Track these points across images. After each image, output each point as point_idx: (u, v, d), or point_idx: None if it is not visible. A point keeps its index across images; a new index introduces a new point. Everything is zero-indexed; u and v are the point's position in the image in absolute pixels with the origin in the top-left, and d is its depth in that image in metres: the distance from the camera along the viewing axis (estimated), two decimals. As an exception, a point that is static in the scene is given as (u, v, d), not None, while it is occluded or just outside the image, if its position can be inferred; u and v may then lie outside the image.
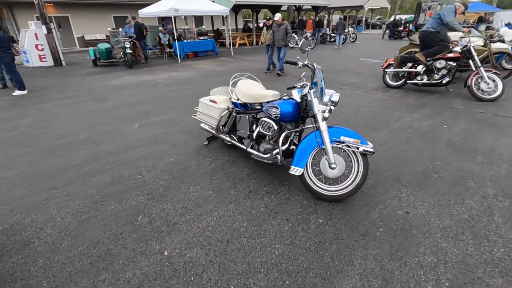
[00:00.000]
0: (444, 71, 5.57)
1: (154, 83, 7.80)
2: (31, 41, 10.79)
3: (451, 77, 5.54)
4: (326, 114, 2.31)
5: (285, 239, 2.05)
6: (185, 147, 3.66)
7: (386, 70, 6.39)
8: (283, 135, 2.57)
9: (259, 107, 2.96)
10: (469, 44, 5.32)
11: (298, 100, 2.58)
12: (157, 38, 13.66)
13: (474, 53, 5.26)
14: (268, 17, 8.02)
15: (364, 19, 34.72)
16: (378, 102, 5.38)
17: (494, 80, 5.24)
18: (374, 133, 3.93)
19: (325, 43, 18.79)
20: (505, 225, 2.12)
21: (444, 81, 5.58)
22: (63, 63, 11.32)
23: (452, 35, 6.64)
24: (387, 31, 21.66)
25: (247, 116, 2.98)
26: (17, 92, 6.80)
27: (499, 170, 2.89)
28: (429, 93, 5.89)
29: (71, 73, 9.52)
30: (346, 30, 19.54)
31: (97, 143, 3.85)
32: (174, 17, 14.20)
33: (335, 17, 39.62)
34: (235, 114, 3.15)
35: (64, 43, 19.67)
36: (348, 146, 2.39)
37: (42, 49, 11.04)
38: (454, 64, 5.47)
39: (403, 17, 34.69)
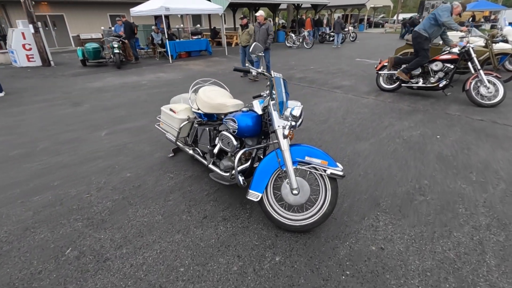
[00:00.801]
0: (441, 74, 5.18)
1: (137, 85, 7.47)
2: (18, 40, 10.51)
3: (448, 80, 5.15)
4: (286, 131, 1.95)
5: (230, 284, 1.70)
6: (149, 159, 3.32)
7: (379, 72, 6.00)
8: (240, 153, 2.22)
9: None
10: (468, 45, 4.92)
11: (259, 112, 2.22)
12: (150, 38, 13.34)
13: (474, 55, 4.86)
14: (242, 15, 7.42)
15: (366, 17, 34.14)
16: (368, 107, 5.00)
17: (494, 84, 4.84)
18: (358, 143, 3.56)
19: (323, 43, 18.37)
20: (498, 268, 1.76)
21: (440, 85, 5.19)
22: (52, 63, 11.02)
23: (452, 35, 6.25)
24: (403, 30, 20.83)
25: (207, 128, 2.63)
26: (-8, 95, 6.51)
27: (494, 192, 2.52)
28: (424, 98, 5.50)
29: (56, 74, 9.21)
30: (346, 29, 19.13)
31: (55, 153, 3.52)
32: (167, 16, 13.85)
33: (337, 16, 39.20)
34: (196, 125, 2.80)
35: (59, 42, 19.44)
36: (314, 168, 2.03)
37: (30, 49, 10.76)
38: (452, 66, 5.08)
39: (407, 16, 34.08)
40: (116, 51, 9.76)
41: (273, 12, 23.41)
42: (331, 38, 18.08)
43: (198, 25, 15.42)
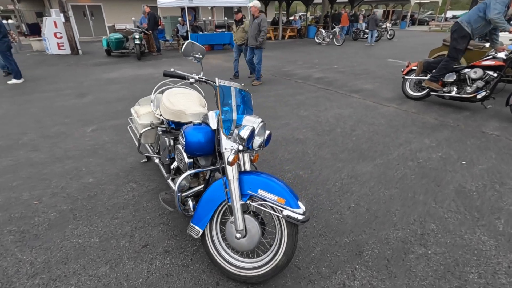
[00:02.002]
0: (480, 83, 4.33)
1: (150, 77, 7.33)
2: (50, 29, 10.93)
3: (488, 91, 4.29)
4: (230, 157, 1.50)
5: None
6: (120, 163, 3.04)
7: (406, 77, 5.23)
8: (184, 175, 1.80)
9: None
10: (517, 50, 4.03)
11: (214, 126, 1.78)
12: (175, 29, 13.30)
13: (524, 62, 3.98)
14: (236, 9, 6.76)
15: (409, 14, 31.67)
16: (385, 118, 4.32)
17: (549, 99, 3.93)
18: (360, 164, 2.99)
19: (357, 40, 17.21)
20: None
21: (478, 96, 4.34)
22: (80, 52, 11.37)
23: (504, 36, 5.30)
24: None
25: (167, 138, 2.25)
26: (12, 81, 6.71)
27: (527, 252, 1.87)
28: (457, 110, 4.67)
29: (79, 63, 9.43)
30: (384, 26, 17.77)
31: (33, 148, 3.37)
32: (194, 8, 13.69)
33: (378, 12, 36.91)
34: (159, 132, 2.44)
35: (96, 32, 20.26)
36: (268, 206, 1.57)
37: (61, 37, 11.17)
38: (495, 75, 4.21)
39: (458, 13, 31.07)
40: (137, 42, 9.76)
41: (306, 6, 22.47)
42: (365, 36, 16.86)
43: (226, 18, 15.10)
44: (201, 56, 1.84)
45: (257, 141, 1.65)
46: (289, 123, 4.13)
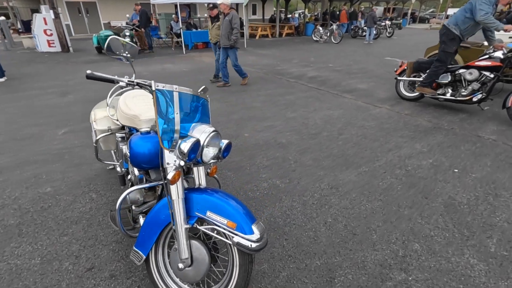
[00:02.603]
0: (475, 85, 4.08)
1: (138, 76, 7.09)
2: (40, 25, 10.70)
3: (485, 93, 4.05)
4: (170, 174, 1.27)
5: None
6: (85, 170, 2.82)
7: (399, 78, 4.99)
8: (128, 191, 1.58)
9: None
10: (517, 48, 3.79)
11: (163, 136, 1.55)
12: (170, 27, 13.05)
13: (524, 61, 3.73)
14: (211, 5, 6.36)
15: (410, 11, 31.28)
16: (376, 120, 4.09)
17: (550, 101, 3.69)
18: (343, 172, 2.76)
19: (356, 37, 16.91)
20: None
21: (474, 99, 4.10)
22: (71, 49, 11.13)
23: (501, 34, 5.06)
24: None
25: (123, 146, 2.03)
26: (-7, 80, 6.50)
27: (521, 280, 1.65)
28: (453, 111, 4.43)
29: (68, 61, 9.20)
30: (383, 24, 17.48)
31: (-3, 153, 3.16)
32: (189, 5, 13.42)
33: (379, 9, 36.49)
34: (118, 139, 2.21)
35: (91, 29, 19.97)
36: (216, 231, 1.35)
37: (51, 34, 10.93)
38: (492, 76, 3.97)
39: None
40: (128, 39, 9.50)
41: (304, 3, 22.15)
42: (364, 33, 16.55)
43: (221, 15, 14.83)
44: (129, 55, 1.61)
45: (209, 153, 1.42)
46: (274, 125, 3.90)
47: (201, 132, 1.38)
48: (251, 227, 1.29)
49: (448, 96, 4.35)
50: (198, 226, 1.38)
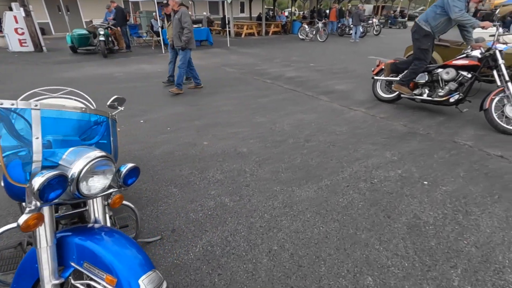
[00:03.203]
0: (452, 85, 3.86)
1: (110, 77, 6.73)
2: (11, 24, 10.17)
3: (462, 94, 3.83)
4: (21, 220, 0.97)
5: None
6: None
7: (376, 77, 4.75)
8: (4, 228, 1.27)
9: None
10: (494, 47, 3.56)
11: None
12: (150, 25, 12.63)
13: (501, 61, 3.51)
14: (165, 1, 5.85)
15: (398, 9, 31.27)
16: (349, 125, 3.83)
17: (528, 103, 3.48)
18: (302, 187, 2.49)
19: (343, 36, 16.73)
20: None
21: (452, 100, 3.88)
22: (44, 49, 10.64)
23: (479, 32, 4.84)
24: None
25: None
26: (-51, 82, 6.05)
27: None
28: (431, 114, 4.20)
29: (39, 61, 8.74)
30: (370, 21, 17.35)
31: None
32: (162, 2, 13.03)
33: (368, 7, 36.46)
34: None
35: (72, 27, 19.19)
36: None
37: (23, 33, 10.41)
38: (469, 76, 3.75)
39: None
40: (102, 38, 9.10)
41: (292, 1, 21.89)
42: (351, 31, 16.38)
43: (205, 13, 14.46)
44: None
45: (96, 184, 1.12)
46: (239, 132, 3.61)
47: (80, 158, 1.08)
48: (137, 283, 0.99)
49: (425, 96, 4.12)
50: (72, 281, 1.09)
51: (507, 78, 3.49)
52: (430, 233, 1.96)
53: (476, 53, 3.73)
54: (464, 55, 3.81)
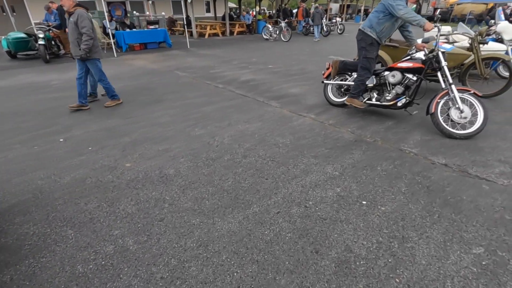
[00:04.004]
0: (399, 89, 3.71)
1: (45, 86, 6.02)
2: None
3: (409, 98, 3.69)
4: None
5: None
6: None
7: (326, 81, 4.53)
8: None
9: None
10: (436, 49, 3.44)
11: None
12: (103, 26, 11.78)
13: (444, 63, 3.39)
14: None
15: (363, 8, 32.12)
16: (295, 134, 3.55)
17: (472, 106, 3.39)
18: (225, 217, 2.15)
19: (308, 35, 16.71)
20: None
21: (399, 103, 3.73)
22: (-23, 54, 9.53)
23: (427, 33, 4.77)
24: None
25: None
26: None
27: None
28: (380, 119, 4.03)
29: (-34, 69, 7.75)
30: (334, 20, 17.53)
31: None
32: (124, 2, 12.26)
33: (334, 6, 37.18)
34: None
35: (19, 29, 17.76)
36: None
37: (-49, 37, 9.25)
38: (415, 78, 3.61)
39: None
40: (42, 42, 8.25)
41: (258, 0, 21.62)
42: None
43: (164, 13, 13.79)
44: None
45: None
46: (171, 149, 3.20)
47: None
48: None
49: (373, 101, 3.95)
50: None
51: (450, 80, 3.37)
52: (359, 271, 1.69)
53: (420, 54, 3.59)
54: (409, 57, 3.67)
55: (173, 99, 5.02)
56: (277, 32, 13.88)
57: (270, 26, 14.29)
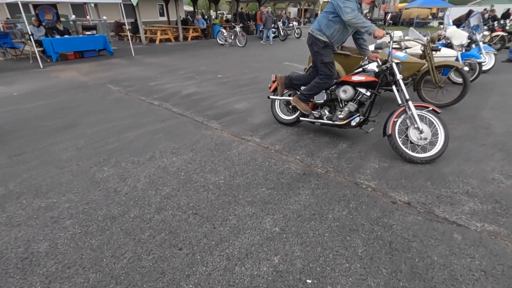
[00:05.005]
0: (352, 106, 3.19)
1: None
2: None
3: (363, 116, 3.18)
4: None
5: None
6: None
7: (272, 97, 3.92)
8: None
9: None
10: (390, 59, 2.96)
11: None
12: (30, 33, 10.24)
13: (399, 76, 2.91)
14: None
15: (319, 12, 32.76)
16: (231, 169, 2.86)
17: (432, 124, 2.96)
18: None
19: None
20: None
21: (353, 123, 3.21)
22: None
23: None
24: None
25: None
26: None
27: None
28: (332, 139, 3.50)
29: None
30: (291, 25, 17.36)
31: None
32: (54, 5, 10.85)
33: (293, 10, 37.62)
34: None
35: None
36: None
37: None
38: (368, 94, 3.11)
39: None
40: None
41: (214, 3, 20.92)
42: (273, 35, 16.04)
43: (105, 17, 12.48)
44: None
45: None
46: (56, 205, 2.33)
47: None
48: None
49: (325, 120, 3.40)
50: None
51: (407, 95, 2.91)
52: None
53: (373, 66, 3.10)
54: (361, 69, 3.17)
55: (91, 123, 4.08)
56: (232, 37, 13.23)
57: (224, 31, 13.60)
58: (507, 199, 2.36)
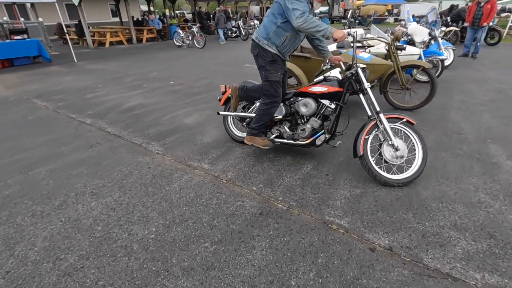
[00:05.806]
0: (315, 123, 2.68)
1: None
2: None
3: (329, 133, 2.68)
4: None
5: None
6: None
7: (221, 113, 3.30)
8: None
9: None
10: (355, 65, 2.47)
11: None
12: None
13: (367, 84, 2.44)
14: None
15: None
16: (169, 213, 2.21)
17: (407, 137, 2.54)
18: None
19: (226, 39, 15.60)
20: None
21: (318, 141, 2.69)
22: None
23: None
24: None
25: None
26: None
27: None
28: (294, 161, 2.96)
29: None
30: (252, 23, 16.87)
31: None
32: None
33: (255, 8, 37.20)
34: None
35: None
36: None
37: None
38: (333, 106, 2.60)
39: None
40: None
41: (171, 2, 19.79)
42: (234, 35, 15.45)
43: (41, 19, 11.02)
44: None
45: None
46: None
47: None
48: None
49: (286, 139, 2.85)
50: None
51: (377, 107, 2.45)
52: None
53: (336, 73, 2.60)
54: (322, 77, 2.65)
55: (-7, 156, 3.18)
56: (190, 38, 12.39)
57: (181, 31, 12.70)
58: (500, 230, 1.97)
